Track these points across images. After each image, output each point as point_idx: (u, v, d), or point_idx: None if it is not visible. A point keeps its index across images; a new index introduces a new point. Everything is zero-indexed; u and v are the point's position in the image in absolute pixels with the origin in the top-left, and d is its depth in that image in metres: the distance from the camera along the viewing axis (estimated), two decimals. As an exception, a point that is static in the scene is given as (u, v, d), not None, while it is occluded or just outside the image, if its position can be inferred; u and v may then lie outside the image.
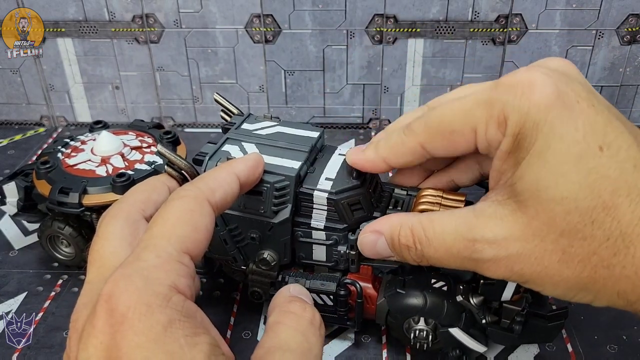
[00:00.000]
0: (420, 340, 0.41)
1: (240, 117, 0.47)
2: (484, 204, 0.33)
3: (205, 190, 0.32)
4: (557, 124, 0.29)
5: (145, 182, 0.38)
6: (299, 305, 0.33)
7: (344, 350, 0.45)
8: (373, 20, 0.68)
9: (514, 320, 0.41)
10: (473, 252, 0.32)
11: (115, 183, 0.47)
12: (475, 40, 0.68)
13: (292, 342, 0.30)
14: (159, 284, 0.27)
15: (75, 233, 0.50)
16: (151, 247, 0.28)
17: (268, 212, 0.41)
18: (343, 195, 0.40)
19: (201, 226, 0.31)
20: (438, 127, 0.34)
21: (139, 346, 0.25)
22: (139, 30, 0.70)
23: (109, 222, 0.34)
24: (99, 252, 0.32)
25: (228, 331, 0.46)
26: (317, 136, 0.44)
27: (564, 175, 0.29)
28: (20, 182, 0.51)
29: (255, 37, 0.70)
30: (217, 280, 0.51)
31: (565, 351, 0.44)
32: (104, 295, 0.26)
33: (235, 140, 0.44)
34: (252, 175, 0.37)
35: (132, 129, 0.57)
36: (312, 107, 0.74)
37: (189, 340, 0.26)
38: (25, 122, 0.77)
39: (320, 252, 0.43)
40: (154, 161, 0.51)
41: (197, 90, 0.73)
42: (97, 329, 0.26)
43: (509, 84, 0.31)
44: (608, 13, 0.66)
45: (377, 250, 0.38)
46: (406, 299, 0.40)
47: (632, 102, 0.72)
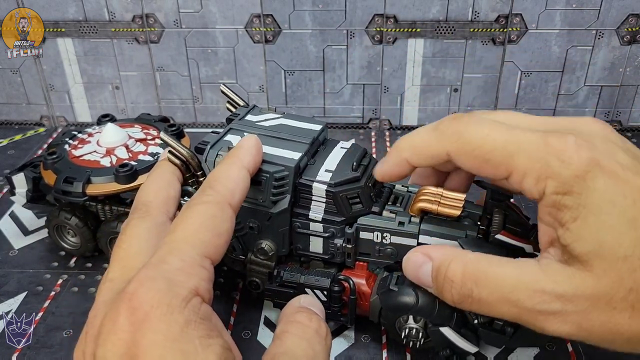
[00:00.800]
0: (411, 339, 0.41)
1: (244, 109, 0.48)
2: (549, 260, 0.32)
3: (226, 194, 0.34)
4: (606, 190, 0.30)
5: (159, 176, 0.39)
6: (306, 315, 0.34)
7: (343, 350, 0.45)
8: (373, 20, 0.68)
9: (506, 322, 0.41)
10: (538, 303, 0.31)
11: (118, 173, 0.49)
12: (475, 40, 0.68)
13: (297, 350, 0.31)
14: (181, 286, 0.28)
15: (81, 223, 0.51)
16: (175, 251, 0.30)
17: (267, 202, 0.41)
18: (342, 188, 0.41)
19: (222, 231, 0.32)
20: (473, 149, 0.33)
21: (156, 344, 0.26)
22: (139, 30, 0.70)
23: (137, 223, 0.35)
24: (126, 251, 0.33)
25: (228, 331, 0.46)
26: (319, 129, 0.45)
27: (624, 234, 0.29)
28: (28, 173, 0.53)
29: (255, 37, 0.70)
30: (217, 280, 0.51)
31: (565, 351, 0.44)
32: (127, 294, 0.28)
33: (238, 130, 0.44)
34: (257, 163, 0.39)
35: (138, 122, 0.59)
36: (312, 107, 0.74)
37: (203, 342, 0.27)
38: (25, 122, 0.77)
39: (317, 244, 0.43)
40: (157, 152, 0.52)
41: (197, 90, 0.73)
42: (118, 326, 0.27)
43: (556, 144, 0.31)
44: (608, 13, 0.66)
45: (419, 274, 0.37)
46: (398, 296, 0.40)
47: (632, 102, 0.72)
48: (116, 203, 0.51)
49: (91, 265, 0.53)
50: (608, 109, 0.72)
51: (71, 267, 0.53)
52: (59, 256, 0.54)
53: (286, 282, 0.43)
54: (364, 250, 0.43)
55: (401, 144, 0.38)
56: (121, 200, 0.52)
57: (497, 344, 0.42)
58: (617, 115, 0.73)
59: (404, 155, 0.37)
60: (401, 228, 0.41)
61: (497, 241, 0.39)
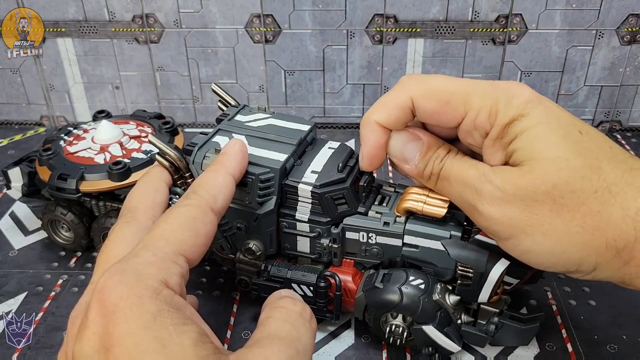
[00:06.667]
0: (394, 336, 0.42)
1: (235, 109, 0.48)
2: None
3: (208, 198, 0.34)
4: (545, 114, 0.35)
5: (147, 183, 0.40)
6: (289, 300, 0.34)
7: (344, 350, 0.45)
8: (373, 20, 0.68)
9: (489, 321, 0.41)
10: (480, 182, 0.36)
11: (111, 170, 0.49)
12: (475, 40, 0.68)
13: (281, 331, 0.32)
14: (150, 278, 0.28)
15: (76, 219, 0.52)
16: (149, 247, 0.30)
17: (253, 203, 0.42)
18: (327, 189, 0.41)
19: (201, 233, 0.33)
20: (435, 92, 0.38)
21: (129, 333, 0.26)
22: (139, 30, 0.70)
23: (122, 227, 0.35)
24: (107, 255, 0.34)
25: (228, 331, 0.46)
26: (307, 129, 0.45)
27: (555, 143, 0.34)
28: (24, 168, 0.53)
29: (255, 37, 0.70)
30: (217, 280, 0.51)
31: (565, 351, 0.44)
32: (97, 287, 0.28)
33: (226, 131, 0.44)
34: (242, 168, 0.39)
35: (134, 118, 0.59)
36: (312, 107, 0.74)
37: (177, 329, 0.27)
38: (25, 122, 0.77)
39: (304, 243, 0.44)
40: (151, 150, 0.53)
41: (197, 90, 0.73)
42: (90, 319, 0.27)
43: (503, 86, 0.37)
44: (608, 13, 0.66)
45: (405, 149, 0.40)
46: (383, 294, 0.41)
47: (632, 102, 0.72)
48: (110, 199, 0.52)
49: (91, 266, 0.53)
50: (608, 109, 0.72)
51: (71, 267, 0.53)
52: (59, 256, 0.54)
53: (273, 276, 0.43)
54: (350, 249, 0.43)
55: (365, 114, 0.40)
56: (115, 196, 0.52)
57: (479, 343, 0.42)
58: (617, 115, 0.73)
59: (372, 119, 0.39)
60: (386, 228, 0.41)
61: (476, 241, 0.39)
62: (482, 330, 0.41)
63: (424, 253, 0.41)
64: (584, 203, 0.33)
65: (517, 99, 0.36)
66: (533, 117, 0.35)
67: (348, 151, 0.44)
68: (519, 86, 0.36)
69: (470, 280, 0.39)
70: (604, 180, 0.33)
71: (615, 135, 0.73)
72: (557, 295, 0.49)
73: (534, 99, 0.36)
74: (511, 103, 0.35)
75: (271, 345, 0.30)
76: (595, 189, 0.33)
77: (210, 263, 0.53)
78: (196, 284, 0.51)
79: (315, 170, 0.42)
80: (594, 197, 0.33)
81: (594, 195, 0.33)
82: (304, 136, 0.44)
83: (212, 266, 0.53)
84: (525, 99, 0.36)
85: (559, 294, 0.49)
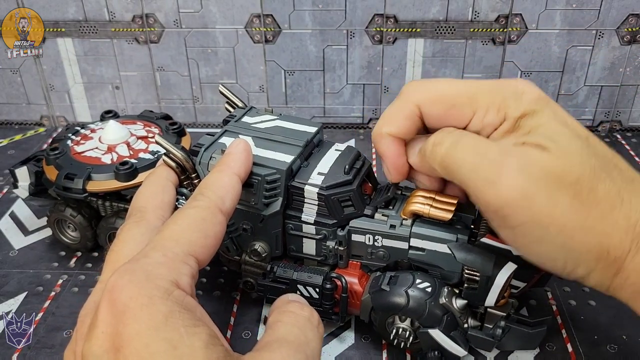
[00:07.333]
0: (400, 339, 0.42)
1: (242, 110, 0.48)
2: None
3: (216, 199, 0.35)
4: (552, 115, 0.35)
5: (154, 183, 0.40)
6: (297, 305, 0.34)
7: (344, 350, 0.45)
8: (373, 20, 0.68)
9: (495, 325, 0.41)
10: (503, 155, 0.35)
11: (118, 171, 0.49)
12: (475, 40, 0.68)
13: (289, 336, 0.31)
14: (161, 278, 0.28)
15: (82, 219, 0.52)
16: (159, 247, 0.30)
17: (259, 204, 0.42)
18: (333, 191, 0.41)
19: (211, 234, 0.33)
20: (440, 97, 0.38)
21: (139, 333, 0.26)
22: (139, 30, 0.70)
23: (131, 227, 0.35)
24: (117, 254, 0.34)
25: (228, 331, 0.46)
26: (314, 131, 0.45)
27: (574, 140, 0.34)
28: (31, 167, 0.53)
29: (255, 37, 0.70)
30: (217, 281, 0.51)
31: (565, 351, 0.44)
32: (108, 287, 0.28)
33: (233, 133, 0.44)
34: (248, 168, 0.39)
35: (141, 119, 0.59)
36: (312, 107, 0.74)
37: (188, 330, 0.27)
38: (25, 122, 0.77)
39: (310, 245, 0.44)
40: (157, 151, 0.53)
41: (197, 90, 0.73)
42: (100, 319, 0.27)
43: (509, 83, 0.37)
44: (608, 13, 0.66)
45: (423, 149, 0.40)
46: (389, 296, 0.41)
47: (632, 102, 0.72)
48: (117, 199, 0.52)
49: (91, 266, 0.53)
50: (608, 109, 0.72)
51: (71, 267, 0.53)
52: (59, 256, 0.54)
53: (279, 278, 0.43)
54: (356, 252, 0.43)
55: (375, 128, 0.40)
56: (122, 196, 0.52)
57: (486, 348, 0.42)
58: (617, 115, 0.73)
59: (384, 132, 0.40)
60: (392, 231, 0.41)
61: (483, 244, 0.39)
62: (489, 334, 0.41)
63: (431, 256, 0.41)
64: (599, 204, 0.32)
65: (528, 95, 0.36)
66: (545, 114, 0.35)
67: (355, 153, 0.44)
68: (526, 83, 0.37)
69: (476, 283, 0.39)
70: (614, 185, 0.33)
71: (615, 135, 0.73)
72: (557, 295, 0.49)
73: (543, 97, 0.36)
74: (521, 99, 0.36)
75: (280, 349, 0.30)
76: (608, 191, 0.33)
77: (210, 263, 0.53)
78: (196, 284, 0.51)
79: (321, 172, 0.42)
80: (605, 200, 0.32)
81: (606, 199, 0.33)
82: (311, 138, 0.44)
83: (213, 266, 0.53)
84: (535, 96, 0.36)
85: (559, 294, 0.49)
